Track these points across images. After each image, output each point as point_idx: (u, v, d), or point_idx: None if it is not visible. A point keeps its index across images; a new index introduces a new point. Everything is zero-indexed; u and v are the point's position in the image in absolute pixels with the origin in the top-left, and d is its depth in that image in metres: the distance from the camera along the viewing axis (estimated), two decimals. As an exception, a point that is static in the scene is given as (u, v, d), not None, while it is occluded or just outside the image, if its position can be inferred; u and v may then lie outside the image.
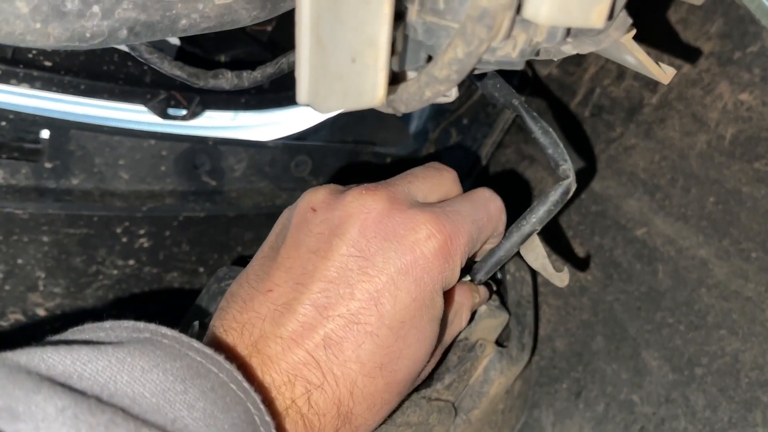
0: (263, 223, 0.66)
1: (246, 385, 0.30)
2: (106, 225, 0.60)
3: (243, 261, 0.57)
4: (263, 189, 0.66)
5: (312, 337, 0.34)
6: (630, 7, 0.28)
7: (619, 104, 0.66)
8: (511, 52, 0.27)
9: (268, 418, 0.30)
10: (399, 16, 0.29)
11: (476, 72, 0.32)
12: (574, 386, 0.55)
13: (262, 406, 0.30)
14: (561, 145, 0.40)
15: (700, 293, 0.53)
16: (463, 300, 0.43)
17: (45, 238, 0.57)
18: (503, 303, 0.52)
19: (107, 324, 0.31)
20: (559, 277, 0.44)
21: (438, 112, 0.68)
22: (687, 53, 0.63)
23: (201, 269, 0.66)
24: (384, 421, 0.40)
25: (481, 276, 0.44)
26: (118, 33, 0.31)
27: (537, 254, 0.43)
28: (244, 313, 0.35)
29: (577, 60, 0.70)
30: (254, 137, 0.64)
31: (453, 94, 0.31)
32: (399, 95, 0.28)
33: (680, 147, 0.60)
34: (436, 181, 0.41)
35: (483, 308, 0.48)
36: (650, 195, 0.60)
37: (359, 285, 0.35)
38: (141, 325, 0.31)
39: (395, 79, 0.31)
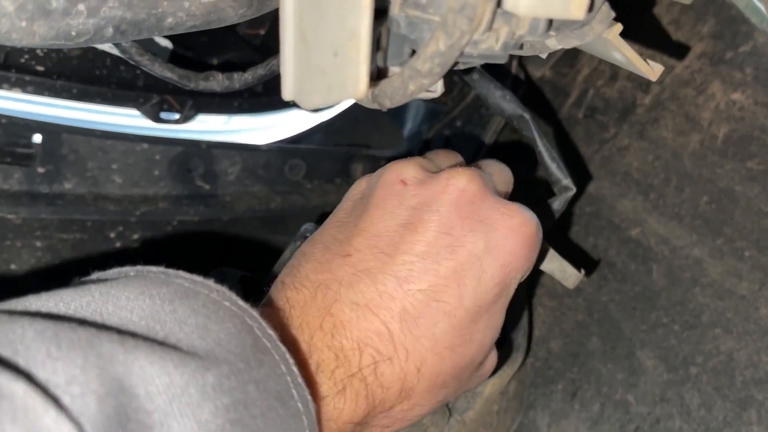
0: (257, 226, 0.66)
1: (241, 302, 0.29)
2: (100, 229, 0.60)
3: (236, 262, 0.57)
4: (257, 192, 0.66)
5: (389, 308, 0.33)
6: (613, 1, 0.28)
7: (612, 105, 0.66)
8: (494, 45, 0.27)
9: (270, 331, 0.29)
10: (383, 11, 0.29)
11: (461, 67, 0.32)
12: (570, 387, 0.55)
13: (261, 320, 0.29)
14: (561, 162, 0.41)
15: (694, 292, 0.53)
16: None
17: (38, 244, 0.57)
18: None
19: (93, 275, 0.31)
20: (575, 277, 0.44)
21: (432, 114, 0.68)
22: (679, 53, 0.63)
23: (196, 273, 0.66)
24: (434, 409, 0.39)
25: None
26: (104, 31, 0.31)
27: (551, 255, 0.43)
28: (319, 274, 0.34)
29: (570, 61, 0.70)
30: (248, 141, 0.64)
31: (438, 90, 0.31)
32: (383, 90, 0.28)
33: (673, 147, 0.60)
34: (506, 178, 0.41)
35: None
36: (644, 195, 0.60)
37: (445, 263, 0.34)
38: (127, 267, 0.31)
39: (381, 74, 0.31)
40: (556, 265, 0.43)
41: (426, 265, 0.34)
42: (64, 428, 0.21)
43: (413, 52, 0.29)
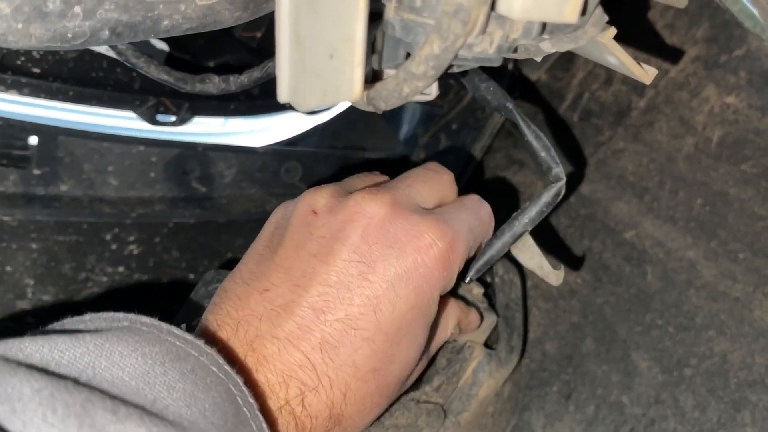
0: (253, 229, 0.66)
1: (227, 367, 0.30)
2: (96, 232, 0.60)
3: (230, 264, 0.57)
4: (253, 195, 0.66)
5: (309, 339, 0.34)
6: (606, 5, 0.29)
7: (607, 108, 0.66)
8: (488, 48, 0.27)
9: (251, 400, 0.30)
10: (378, 14, 0.29)
11: (456, 70, 0.32)
12: (565, 389, 0.55)
13: (244, 388, 0.30)
14: (552, 149, 0.40)
15: (688, 294, 0.53)
16: (451, 310, 0.43)
17: (34, 245, 0.57)
18: (491, 305, 0.52)
19: (87, 316, 0.32)
20: (555, 275, 0.44)
21: (428, 117, 0.68)
22: (674, 57, 0.63)
23: (191, 276, 0.66)
24: (371, 424, 0.40)
25: (472, 274, 0.44)
26: (100, 33, 0.31)
27: (532, 253, 0.44)
28: (239, 310, 0.35)
29: (566, 65, 0.70)
30: (244, 143, 0.64)
31: (433, 92, 0.31)
32: (378, 92, 0.28)
33: (668, 150, 0.60)
34: (436, 184, 0.41)
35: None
36: (639, 198, 0.60)
37: (359, 291, 0.35)
38: (120, 315, 0.31)
39: (376, 77, 0.31)
40: (536, 263, 0.43)
41: (340, 295, 0.35)
42: None
43: (408, 55, 0.29)
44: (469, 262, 0.45)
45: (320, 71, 0.27)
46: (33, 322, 0.59)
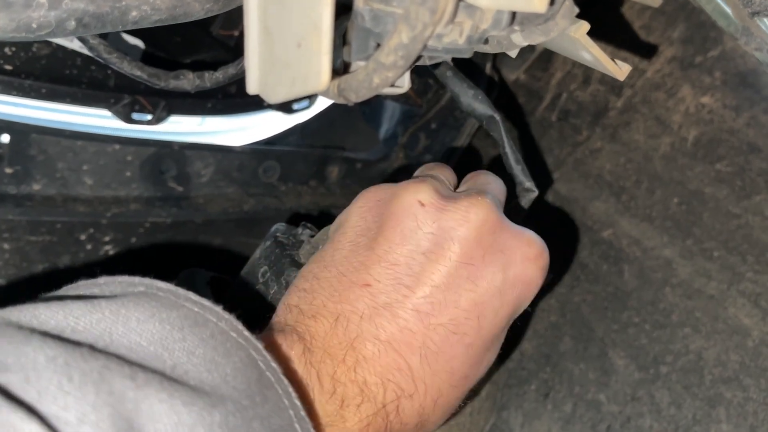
0: (231, 229, 0.66)
1: (246, 333, 0.29)
2: (70, 232, 0.59)
3: (207, 264, 0.57)
4: (231, 195, 0.66)
5: (410, 343, 0.33)
6: (581, 2, 0.29)
7: (585, 108, 0.66)
8: (457, 39, 0.27)
9: (274, 364, 0.29)
10: (348, 6, 0.29)
11: (429, 62, 0.32)
12: (543, 387, 0.55)
13: (265, 353, 0.29)
14: (524, 166, 0.41)
15: (664, 292, 0.53)
16: None
17: (6, 246, 0.56)
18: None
19: (101, 280, 0.30)
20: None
21: (407, 116, 0.68)
22: (650, 57, 0.64)
23: (169, 277, 0.65)
24: None
25: None
26: (65, 24, 0.30)
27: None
28: (338, 303, 0.33)
29: (544, 65, 0.71)
30: (222, 142, 0.64)
31: (405, 85, 0.31)
32: (349, 83, 0.28)
33: (645, 149, 0.61)
34: (502, 192, 0.40)
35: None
36: (616, 197, 0.60)
37: (466, 295, 0.33)
38: (135, 279, 0.30)
39: (347, 68, 0.31)
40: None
41: (447, 297, 0.33)
42: None
43: (378, 45, 0.29)
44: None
45: (288, 61, 0.26)
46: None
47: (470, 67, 0.66)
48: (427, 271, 0.33)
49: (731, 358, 0.47)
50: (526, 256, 0.35)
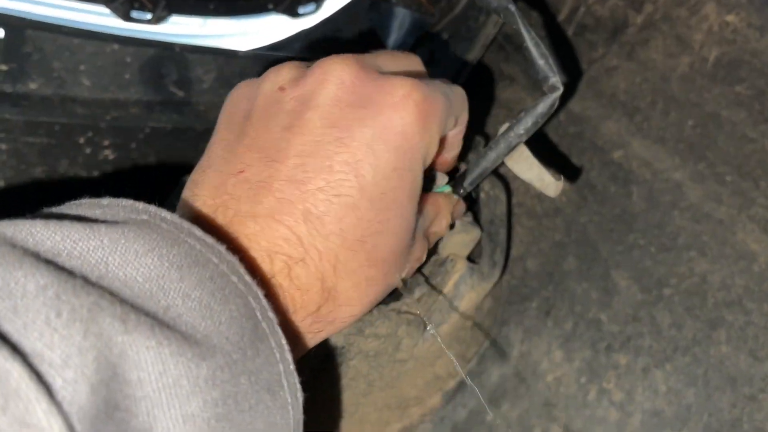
0: (233, 137, 0.64)
1: (247, 278, 0.29)
2: (68, 134, 0.57)
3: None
4: (233, 102, 0.64)
5: (291, 212, 0.33)
6: None
7: (602, 24, 0.64)
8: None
9: (271, 314, 0.29)
10: None
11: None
12: (544, 305, 0.55)
13: (264, 301, 0.29)
14: (551, 57, 0.38)
15: (672, 215, 0.53)
16: (444, 204, 0.42)
17: (3, 146, 0.55)
18: (476, 220, 0.51)
19: (105, 201, 0.30)
20: (555, 186, 0.43)
21: (418, 25, 0.65)
22: (675, -29, 0.61)
23: (168, 183, 0.64)
24: (373, 306, 0.39)
25: (466, 185, 0.43)
26: None
27: (530, 163, 0.42)
28: (216, 198, 0.34)
29: (563, -24, 0.67)
30: (224, 46, 0.61)
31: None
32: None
33: (662, 69, 0.59)
34: (403, 59, 0.40)
35: (456, 223, 0.47)
36: (629, 117, 0.59)
37: (337, 157, 0.33)
38: (140, 205, 0.29)
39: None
40: (534, 174, 0.42)
41: (318, 163, 0.33)
42: (53, 422, 0.21)
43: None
44: (452, 173, 0.44)
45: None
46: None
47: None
48: (294, 144, 0.34)
49: (736, 283, 0.48)
50: (391, 103, 0.34)
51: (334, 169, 0.33)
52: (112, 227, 0.27)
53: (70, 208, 0.29)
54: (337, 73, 0.34)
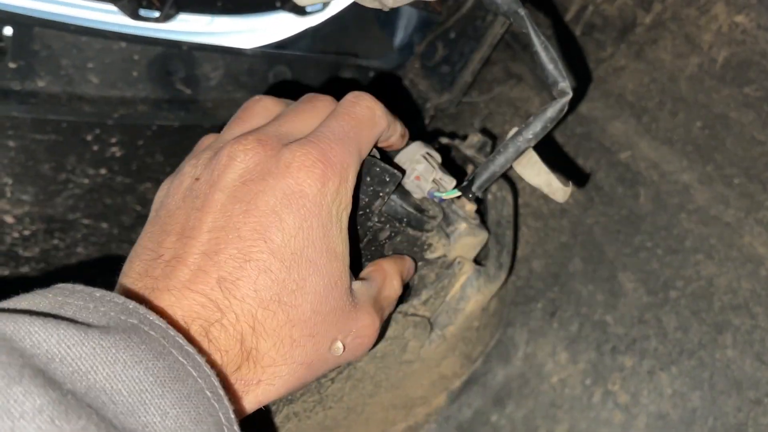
0: (240, 135, 0.64)
1: (221, 392, 0.31)
2: (76, 131, 0.57)
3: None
4: (240, 100, 0.64)
5: (206, 281, 0.35)
6: None
7: (611, 23, 0.64)
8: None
9: (236, 428, 0.31)
10: None
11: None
12: (550, 306, 0.55)
13: (233, 416, 0.31)
14: (560, 62, 0.38)
15: (679, 218, 0.53)
16: (389, 268, 0.43)
17: (11, 143, 0.55)
18: (483, 222, 0.51)
19: (98, 293, 0.31)
20: (563, 191, 0.42)
21: (425, 23, 0.65)
22: (685, -29, 0.60)
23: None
24: (316, 378, 0.40)
25: (475, 189, 0.43)
26: None
27: (538, 169, 0.42)
28: (139, 282, 0.36)
29: (571, -25, 0.67)
30: (231, 44, 0.61)
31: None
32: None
33: (671, 69, 0.59)
34: (309, 113, 0.41)
35: (463, 226, 0.47)
36: (637, 118, 0.59)
37: (246, 226, 0.36)
38: (131, 305, 0.31)
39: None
40: (543, 179, 0.42)
41: (229, 235, 0.36)
42: None
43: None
44: (461, 175, 0.44)
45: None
46: (12, 222, 0.58)
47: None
48: (205, 221, 0.36)
49: (742, 286, 0.48)
50: (288, 172, 0.36)
51: (244, 237, 0.35)
52: (104, 334, 0.29)
53: (64, 294, 0.31)
54: (240, 157, 0.37)
